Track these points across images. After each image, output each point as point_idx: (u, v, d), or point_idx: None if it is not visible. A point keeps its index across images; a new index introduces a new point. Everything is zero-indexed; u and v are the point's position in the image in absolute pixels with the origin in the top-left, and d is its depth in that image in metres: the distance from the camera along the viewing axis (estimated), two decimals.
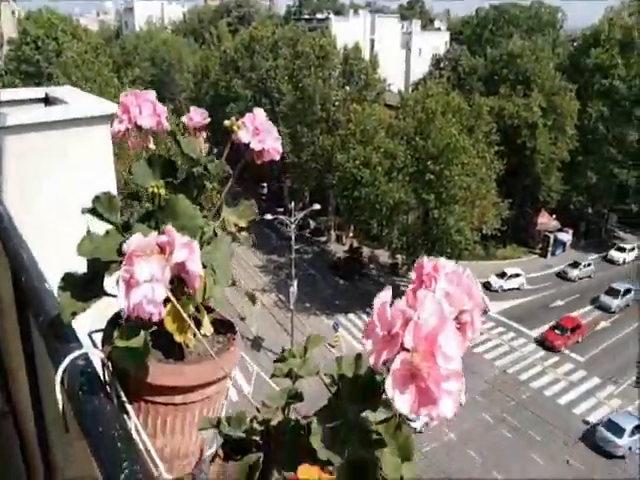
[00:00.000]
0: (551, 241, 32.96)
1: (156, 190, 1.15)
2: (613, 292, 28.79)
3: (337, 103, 25.01)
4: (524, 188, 32.31)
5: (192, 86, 41.36)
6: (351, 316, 26.58)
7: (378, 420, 0.84)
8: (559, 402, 22.74)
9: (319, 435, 0.82)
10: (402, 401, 0.72)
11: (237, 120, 1.23)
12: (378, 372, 0.80)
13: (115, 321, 1.10)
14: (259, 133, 1.23)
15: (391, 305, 0.76)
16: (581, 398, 23.33)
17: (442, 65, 37.46)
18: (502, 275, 29.34)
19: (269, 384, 1.05)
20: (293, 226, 20.79)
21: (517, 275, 29.72)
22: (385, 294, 0.77)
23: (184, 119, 1.29)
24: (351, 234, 30.99)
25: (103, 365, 1.06)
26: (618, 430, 19.71)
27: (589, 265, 31.84)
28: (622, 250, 33.95)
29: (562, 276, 31.33)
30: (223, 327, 1.22)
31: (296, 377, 0.99)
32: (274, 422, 0.98)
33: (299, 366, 1.00)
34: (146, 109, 1.23)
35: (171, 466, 1.14)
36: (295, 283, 22.53)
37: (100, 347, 1.09)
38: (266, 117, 1.26)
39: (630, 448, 19.64)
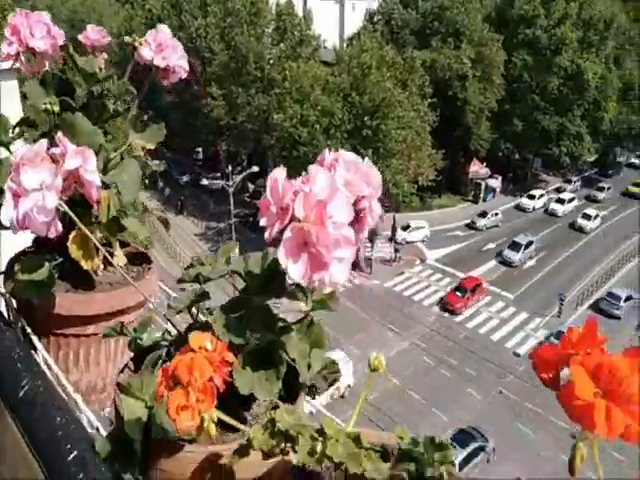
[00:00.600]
0: (482, 188, 33.34)
1: (50, 107, 1.05)
2: (515, 246, 28.54)
3: (272, 61, 23.73)
4: (456, 138, 32.29)
5: (116, 49, 38.46)
6: None
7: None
8: (492, 338, 23.43)
9: (222, 321, 0.80)
10: (295, 269, 0.71)
11: None
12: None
13: (18, 258, 1.05)
14: (163, 49, 1.16)
15: None
16: (512, 333, 24.13)
17: (375, 19, 36.25)
18: (406, 228, 28.69)
19: None
20: (231, 190, 19.96)
21: (421, 227, 29.29)
22: (278, 171, 0.74)
23: (80, 37, 1.19)
24: None
25: (6, 302, 1.01)
26: None
27: (497, 214, 31.82)
28: (532, 197, 34.31)
29: (471, 226, 31.23)
30: (138, 259, 1.17)
31: (205, 279, 0.94)
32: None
33: (208, 270, 0.96)
34: (39, 31, 1.10)
35: (88, 399, 1.09)
36: (237, 249, 21.71)
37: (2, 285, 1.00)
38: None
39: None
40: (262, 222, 0.74)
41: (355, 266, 26.85)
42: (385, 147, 24.23)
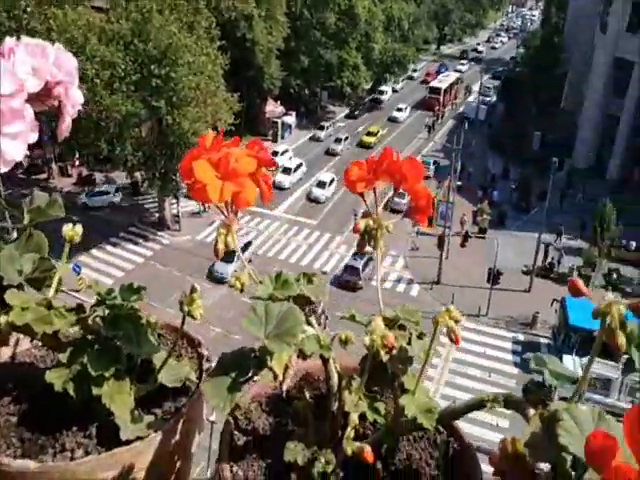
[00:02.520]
0: (279, 126, 31.34)
1: None
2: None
3: (29, 9, 17.94)
4: (249, 79, 29.36)
5: None
6: (94, 251, 21.45)
7: None
8: (302, 264, 22.61)
9: None
10: None
11: None
12: None
13: None
14: None
15: None
16: (318, 254, 23.59)
17: None
18: None
19: None
20: None
21: None
22: None
23: None
24: (77, 162, 25.09)
25: None
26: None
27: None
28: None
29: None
30: None
31: None
32: None
33: None
34: None
35: None
36: (15, 235, 17.17)
37: None
38: None
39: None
40: None
41: (162, 224, 23.60)
42: (178, 96, 20.53)
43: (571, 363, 14.07)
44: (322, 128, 33.25)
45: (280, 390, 0.92)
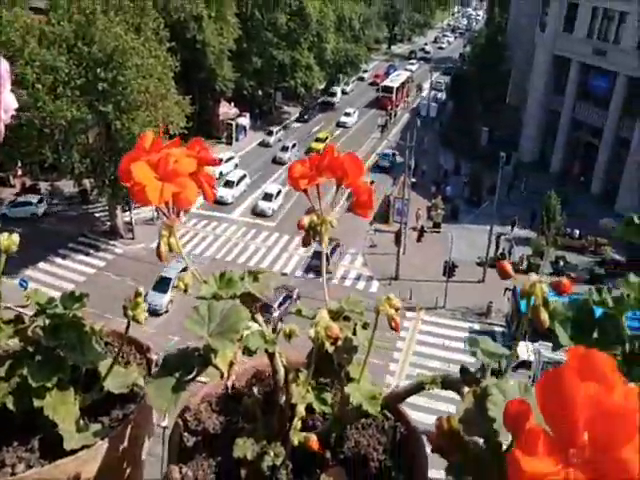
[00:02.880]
0: (234, 128, 30.98)
1: None
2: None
3: None
4: (201, 81, 28.92)
5: None
6: (42, 265, 20.49)
7: None
8: (261, 267, 22.48)
9: None
10: None
11: None
12: None
13: None
14: None
15: None
16: (278, 256, 23.51)
17: None
18: None
19: None
20: None
21: None
22: None
23: None
24: (20, 172, 23.96)
25: None
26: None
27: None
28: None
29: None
30: None
31: None
32: None
33: None
34: None
35: None
36: None
37: None
38: None
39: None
40: None
41: (114, 233, 22.90)
42: (127, 99, 19.97)
43: (524, 349, 14.63)
44: (271, 133, 32.92)
45: (226, 388, 0.93)
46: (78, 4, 19.71)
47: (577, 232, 23.76)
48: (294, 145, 31.24)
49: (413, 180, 25.36)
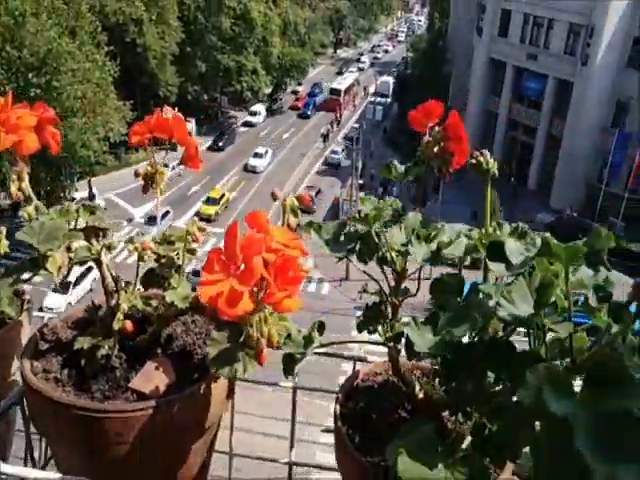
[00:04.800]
0: None
1: None
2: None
3: None
4: (143, 86, 28.24)
5: None
6: None
7: None
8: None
9: None
10: None
11: None
12: None
13: None
14: None
15: None
16: None
17: None
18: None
19: None
20: None
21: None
22: None
23: None
24: None
25: None
26: None
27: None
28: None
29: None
30: None
31: None
32: None
33: None
34: None
35: None
36: None
37: None
38: None
39: None
40: None
41: None
42: (62, 106, 19.19)
43: None
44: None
45: (85, 311, 1.14)
46: (6, 5, 18.81)
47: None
48: (166, 213, 23.11)
49: (361, 182, 25.68)
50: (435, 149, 1.18)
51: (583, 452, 0.62)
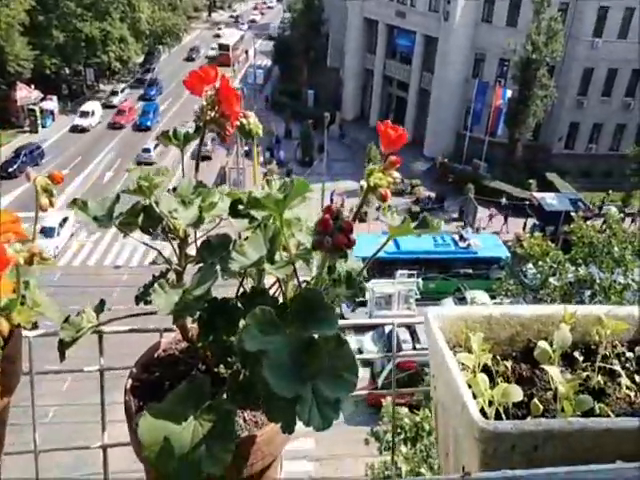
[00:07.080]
0: (37, 114, 27.25)
1: None
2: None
3: None
4: None
5: None
6: None
7: None
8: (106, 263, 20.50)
9: None
10: None
11: None
12: None
13: None
14: None
15: None
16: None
17: None
18: None
19: None
20: None
21: None
22: None
23: None
24: None
25: None
26: None
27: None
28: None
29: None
30: None
31: None
32: None
33: None
34: None
35: None
36: None
37: None
38: None
39: None
40: None
41: None
42: None
43: None
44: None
45: None
46: None
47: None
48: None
49: (246, 149, 25.27)
50: (211, 113, 1.16)
51: (269, 380, 0.69)
